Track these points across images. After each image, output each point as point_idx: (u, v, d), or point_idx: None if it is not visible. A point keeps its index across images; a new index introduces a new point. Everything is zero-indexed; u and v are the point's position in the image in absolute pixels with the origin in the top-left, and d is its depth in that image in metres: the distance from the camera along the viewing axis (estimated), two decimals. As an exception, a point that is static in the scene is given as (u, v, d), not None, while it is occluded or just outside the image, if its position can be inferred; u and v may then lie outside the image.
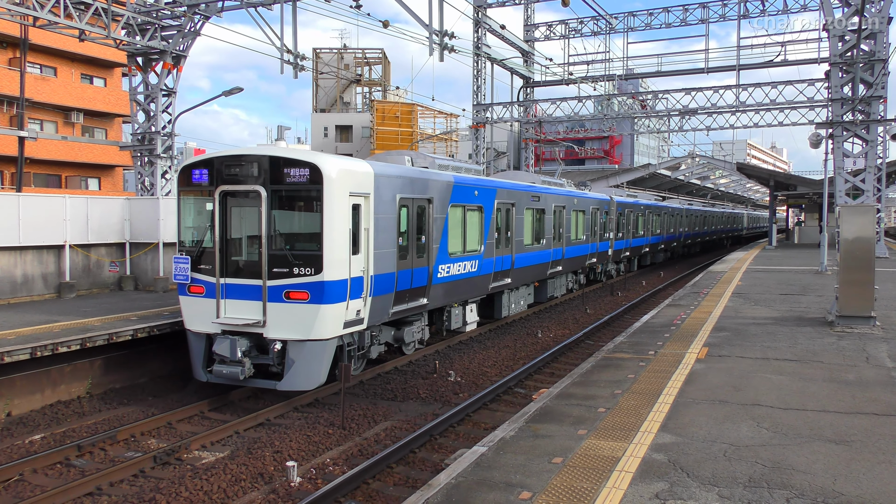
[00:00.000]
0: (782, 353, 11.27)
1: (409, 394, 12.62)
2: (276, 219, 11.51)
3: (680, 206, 48.13)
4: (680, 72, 40.49)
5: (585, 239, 26.19)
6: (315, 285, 11.06)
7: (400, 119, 59.27)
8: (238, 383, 11.67)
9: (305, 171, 11.16)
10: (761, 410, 8.16)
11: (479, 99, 40.49)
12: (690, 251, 52.82)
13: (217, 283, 11.63)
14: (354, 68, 66.80)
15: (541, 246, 21.30)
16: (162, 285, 18.97)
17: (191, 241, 12.20)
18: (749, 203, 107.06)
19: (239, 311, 11.53)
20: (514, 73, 43.13)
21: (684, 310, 16.24)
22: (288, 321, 11.18)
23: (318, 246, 11.15)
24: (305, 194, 11.44)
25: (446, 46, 25.63)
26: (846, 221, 13.32)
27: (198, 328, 11.87)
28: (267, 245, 11.29)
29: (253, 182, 11.43)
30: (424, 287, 14.32)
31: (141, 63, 23.57)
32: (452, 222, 15.48)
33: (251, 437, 10.40)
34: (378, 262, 12.45)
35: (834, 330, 13.31)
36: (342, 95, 66.54)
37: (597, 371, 10.27)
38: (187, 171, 12.10)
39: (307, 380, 11.33)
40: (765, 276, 23.64)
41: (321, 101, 66.30)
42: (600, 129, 62.92)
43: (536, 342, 17.43)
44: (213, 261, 11.71)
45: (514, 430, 7.59)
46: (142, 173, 24.11)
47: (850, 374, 9.91)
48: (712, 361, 10.71)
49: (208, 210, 11.99)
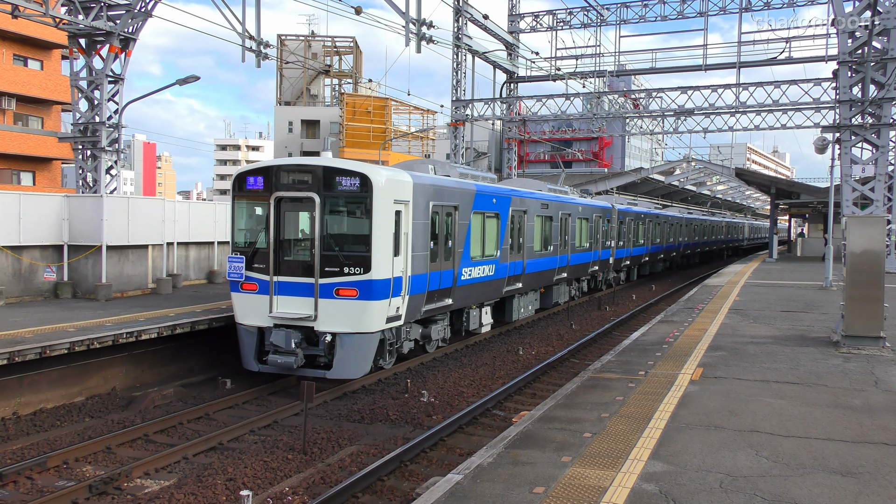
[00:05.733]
0: (783, 376, 11.37)
1: (377, 415, 12.56)
2: (328, 223, 13.95)
3: (679, 214, 50.00)
4: (676, 69, 40.88)
5: (588, 247, 28.58)
6: (364, 283, 13.44)
7: (372, 114, 59.19)
8: (291, 372, 13.95)
9: (356, 180, 13.59)
10: (760, 437, 8.21)
11: (458, 94, 40.61)
12: (689, 262, 54.84)
13: (270, 281, 13.90)
14: (323, 58, 66.66)
15: (548, 252, 23.69)
16: (105, 293, 18.68)
17: (244, 243, 14.52)
18: (749, 212, 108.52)
19: (290, 306, 13.84)
20: (497, 68, 43.32)
21: (677, 327, 16.35)
22: (337, 316, 13.52)
23: (367, 248, 13.52)
24: (356, 201, 13.85)
25: (424, 36, 25.66)
26: (853, 233, 13.47)
27: (250, 322, 14.11)
28: (320, 246, 13.62)
29: (308, 189, 13.82)
30: (450, 288, 16.78)
31: (84, 45, 23.24)
32: (474, 228, 17.98)
33: (201, 463, 10.26)
34: (414, 264, 14.87)
35: (839, 351, 13.46)
36: (309, 87, 66.36)
37: (582, 392, 10.28)
38: (242, 178, 14.44)
39: (354, 369, 13.70)
40: (765, 292, 23.92)
41: (286, 92, 66.04)
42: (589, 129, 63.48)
43: (517, 360, 17.45)
44: (266, 260, 13.98)
45: (492, 457, 7.55)
46: (83, 168, 23.75)
47: (857, 399, 10.01)
48: (707, 383, 10.77)
49: (258, 214, 14.47)
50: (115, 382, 14.21)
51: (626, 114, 42.56)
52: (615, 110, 42.94)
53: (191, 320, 15.22)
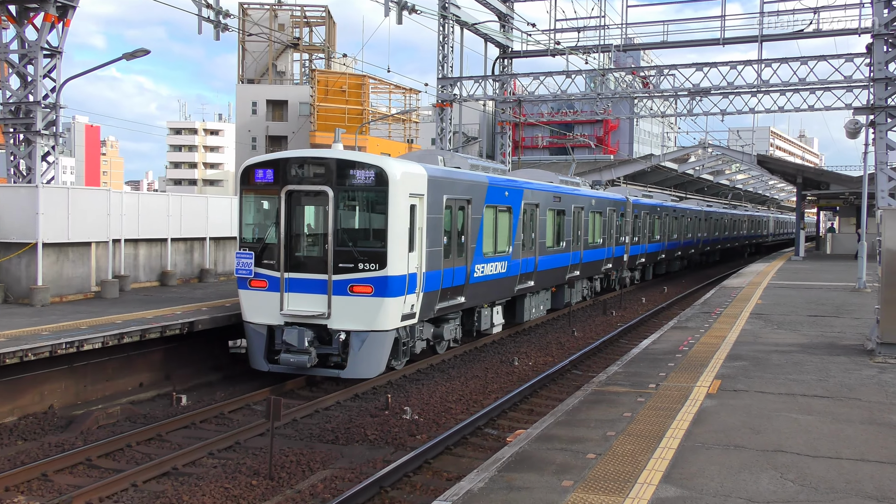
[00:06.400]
0: (811, 388, 11.44)
1: (353, 435, 12.55)
2: (342, 217, 15.09)
3: (698, 207, 51.01)
4: (690, 42, 40.99)
5: (602, 243, 29.70)
6: (379, 280, 14.59)
7: (347, 94, 59.15)
8: (304, 372, 15.16)
9: (371, 173, 14.71)
10: (785, 458, 8.26)
11: (445, 72, 40.58)
12: (708, 259, 55.97)
13: (281, 278, 15.05)
14: (291, 29, 66.51)
15: (560, 249, 24.82)
16: (41, 297, 18.53)
17: (252, 238, 15.75)
18: (773, 204, 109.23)
19: (301, 303, 14.96)
20: (489, 41, 43.34)
21: (692, 334, 16.43)
22: (352, 313, 14.66)
23: (383, 243, 14.69)
24: (371, 195, 15.00)
25: (405, 5, 25.65)
26: (890, 228, 13.58)
27: (259, 320, 15.21)
28: (333, 241, 14.75)
29: (320, 182, 14.94)
30: (462, 286, 17.80)
31: (14, 13, 23.02)
32: (487, 223, 19.06)
33: (153, 491, 10.20)
34: (429, 260, 15.97)
35: (874, 360, 13.58)
36: (275, 63, 66.18)
37: (586, 408, 10.30)
38: (250, 170, 15.51)
39: (369, 368, 14.85)
40: (790, 294, 24.08)
41: (249, 69, 65.83)
42: (593, 111, 63.68)
43: (512, 371, 17.49)
44: (276, 256, 15.11)
45: (483, 481, 7.55)
46: (15, 154, 23.57)
47: (894, 414, 10.09)
48: (726, 397, 10.82)
49: (266, 208, 15.67)
50: (53, 400, 14.10)
51: (635, 93, 42.66)
52: (622, 90, 43.05)
53: (140, 328, 15.12)
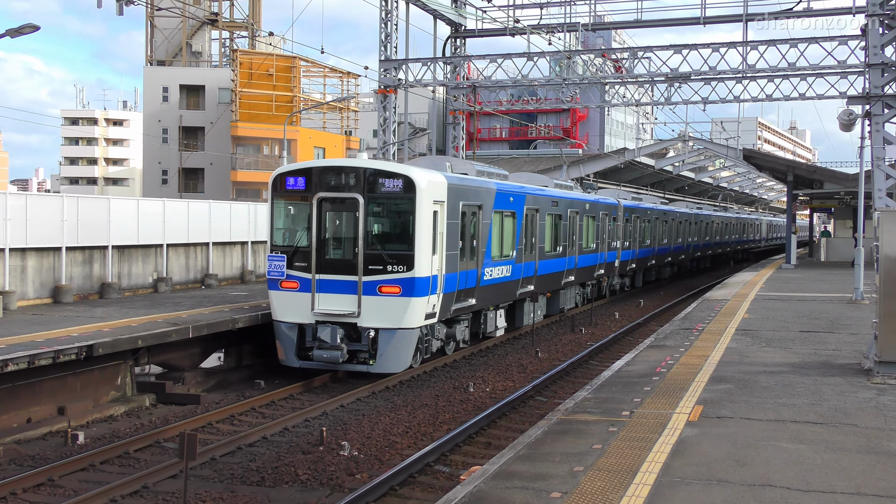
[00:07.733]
0: (803, 414, 11.63)
1: (282, 475, 12.46)
2: (371, 222, 18.53)
3: (689, 210, 53.70)
4: (668, 21, 41.38)
5: (595, 248, 33.16)
6: (407, 281, 17.89)
7: (275, 78, 58.79)
8: (335, 367, 18.41)
9: (399, 181, 18.12)
10: (774, 493, 8.39)
11: (388, 53, 40.54)
12: (699, 265, 58.98)
13: (313, 279, 18.28)
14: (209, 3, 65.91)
15: (557, 254, 28.36)
16: None
17: (283, 242, 19.16)
18: (762, 204, 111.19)
19: (332, 303, 18.15)
20: (439, 18, 43.42)
21: (671, 353, 16.60)
22: (380, 312, 17.90)
23: (410, 247, 18.10)
24: (399, 201, 18.52)
25: (341, -25, 25.55)
26: (888, 232, 13.82)
27: (290, 319, 18.41)
28: (363, 245, 18.02)
29: (351, 190, 18.32)
30: (473, 288, 21.29)
31: None
32: (495, 228, 22.62)
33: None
34: (447, 263, 19.37)
35: (872, 381, 13.84)
36: (190, 42, 65.47)
37: (550, 440, 10.36)
38: (282, 178, 18.95)
39: (396, 363, 18.21)
40: (780, 307, 24.47)
41: (159, 49, 65.03)
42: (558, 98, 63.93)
43: (467, 399, 17.49)
44: (308, 259, 18.40)
45: (431, 527, 7.54)
46: None
47: (893, 442, 10.30)
48: (708, 425, 10.96)
49: (294, 213, 19.33)
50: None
51: (606, 79, 43.01)
52: (591, 74, 43.36)
53: (28, 353, 14.80)
